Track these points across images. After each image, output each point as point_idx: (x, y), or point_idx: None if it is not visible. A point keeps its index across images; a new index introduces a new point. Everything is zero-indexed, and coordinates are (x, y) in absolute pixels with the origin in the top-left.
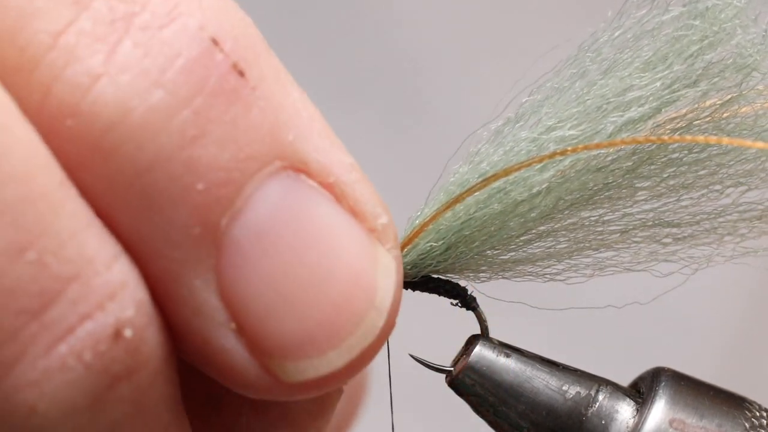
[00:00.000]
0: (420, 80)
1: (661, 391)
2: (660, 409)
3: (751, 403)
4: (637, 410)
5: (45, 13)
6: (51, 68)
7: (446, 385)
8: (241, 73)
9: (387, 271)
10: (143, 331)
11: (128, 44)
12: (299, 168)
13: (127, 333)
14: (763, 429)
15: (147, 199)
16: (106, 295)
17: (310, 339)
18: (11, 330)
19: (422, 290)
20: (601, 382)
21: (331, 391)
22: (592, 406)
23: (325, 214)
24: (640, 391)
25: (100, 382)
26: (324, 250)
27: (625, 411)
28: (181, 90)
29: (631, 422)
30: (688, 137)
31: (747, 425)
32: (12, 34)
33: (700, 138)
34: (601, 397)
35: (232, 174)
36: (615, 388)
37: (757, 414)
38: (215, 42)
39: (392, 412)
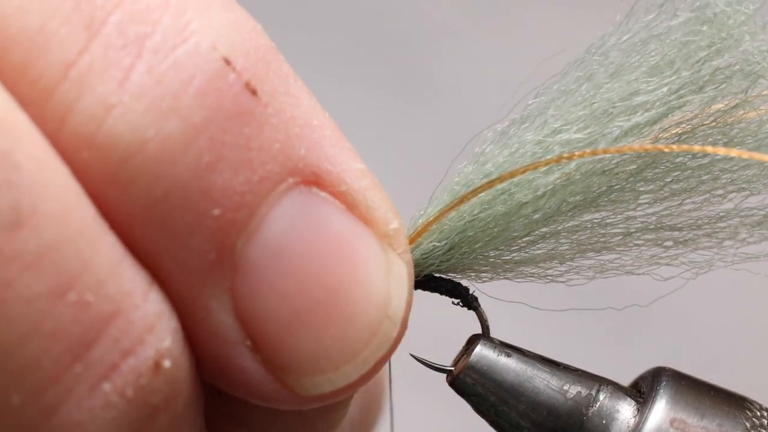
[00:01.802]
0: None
1: (661, 390)
2: (661, 408)
3: (751, 402)
4: (638, 410)
5: (55, 42)
6: (64, 100)
7: (447, 384)
8: (254, 92)
9: (399, 278)
10: (179, 359)
11: (141, 69)
12: (311, 180)
13: (166, 364)
14: (764, 429)
15: (164, 227)
16: (145, 327)
17: (325, 355)
18: (55, 372)
19: (424, 289)
20: (601, 381)
21: None
22: (592, 406)
23: (337, 227)
24: (641, 391)
25: (141, 415)
26: (337, 263)
27: (625, 411)
28: (196, 116)
29: (632, 422)
30: (697, 147)
31: (748, 425)
32: (24, 66)
33: (709, 148)
34: (602, 396)
35: (246, 197)
36: (616, 387)
37: (758, 414)
38: (227, 61)
39: (392, 413)
